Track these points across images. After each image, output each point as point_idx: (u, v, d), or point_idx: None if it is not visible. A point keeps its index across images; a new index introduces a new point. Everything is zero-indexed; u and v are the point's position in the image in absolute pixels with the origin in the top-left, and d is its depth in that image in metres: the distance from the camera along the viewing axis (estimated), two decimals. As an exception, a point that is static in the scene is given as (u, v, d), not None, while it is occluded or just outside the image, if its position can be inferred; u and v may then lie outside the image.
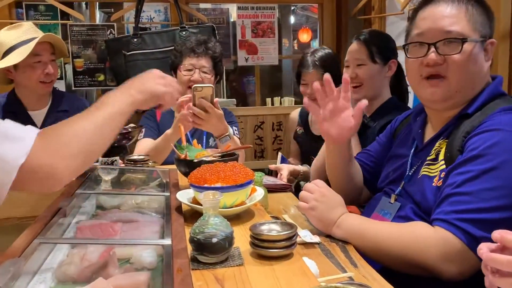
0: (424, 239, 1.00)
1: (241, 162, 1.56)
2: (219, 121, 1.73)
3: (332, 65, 2.14)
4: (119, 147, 1.53)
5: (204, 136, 2.18)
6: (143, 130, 2.08)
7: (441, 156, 1.13)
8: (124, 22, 3.07)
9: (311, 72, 2.13)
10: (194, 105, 1.66)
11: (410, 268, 1.04)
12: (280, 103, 3.51)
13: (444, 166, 1.10)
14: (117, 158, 1.62)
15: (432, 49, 1.11)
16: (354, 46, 1.83)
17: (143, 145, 2.01)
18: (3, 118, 1.97)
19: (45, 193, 0.94)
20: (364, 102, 1.23)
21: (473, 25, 1.10)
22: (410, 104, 2.72)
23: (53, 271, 0.85)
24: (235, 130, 2.16)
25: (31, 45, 1.96)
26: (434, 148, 1.17)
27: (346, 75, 1.27)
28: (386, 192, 1.29)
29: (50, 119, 2.12)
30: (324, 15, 3.38)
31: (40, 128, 2.00)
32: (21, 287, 0.74)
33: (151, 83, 1.08)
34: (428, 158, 1.17)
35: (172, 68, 2.19)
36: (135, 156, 1.74)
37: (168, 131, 1.86)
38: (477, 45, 1.10)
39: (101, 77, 2.92)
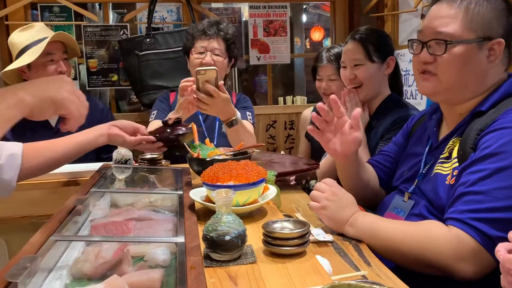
0: (438, 238, 0.99)
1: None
2: (225, 105, 1.66)
3: None
4: (178, 146, 1.56)
5: (217, 122, 2.15)
6: (155, 112, 2.08)
7: (454, 154, 1.12)
8: (137, 23, 3.10)
9: (325, 65, 2.17)
10: (198, 89, 1.62)
11: (423, 267, 1.03)
12: (292, 102, 3.51)
13: (457, 164, 1.10)
14: (131, 157, 1.64)
15: (425, 48, 1.14)
16: (349, 45, 1.78)
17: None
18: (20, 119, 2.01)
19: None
20: (358, 110, 1.25)
21: (469, 25, 1.09)
22: (421, 102, 2.69)
23: (68, 268, 0.86)
24: (249, 115, 2.11)
25: (43, 44, 1.99)
26: (447, 146, 1.17)
27: (333, 95, 1.26)
28: (400, 191, 1.28)
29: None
30: (337, 13, 3.36)
31: (55, 127, 2.04)
32: (38, 284, 0.75)
33: (54, 86, 0.91)
34: (441, 156, 1.17)
35: (184, 52, 2.15)
36: (148, 155, 1.76)
37: (171, 114, 1.81)
38: (471, 46, 1.09)
39: (115, 77, 2.95)
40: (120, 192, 1.35)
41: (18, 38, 2.09)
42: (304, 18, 6.25)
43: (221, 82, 1.65)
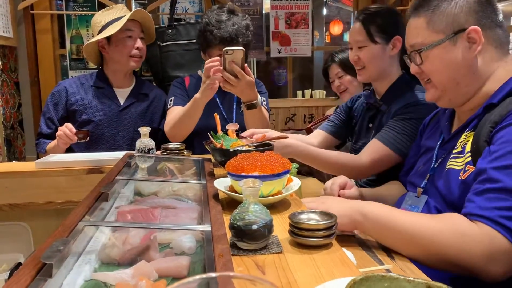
0: (470, 237, 0.94)
1: None
2: (249, 88, 1.72)
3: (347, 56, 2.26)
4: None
5: (234, 103, 2.17)
6: (172, 98, 2.13)
7: (467, 148, 1.10)
8: (159, 13, 3.11)
9: (330, 66, 2.42)
10: (225, 68, 1.66)
11: (446, 265, 0.98)
12: (311, 96, 3.49)
13: (470, 159, 1.07)
14: (154, 146, 1.66)
15: (412, 62, 1.22)
16: (354, 26, 1.73)
17: (174, 113, 2.03)
18: (93, 92, 2.24)
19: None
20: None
21: (434, 29, 1.15)
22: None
23: (96, 253, 0.88)
24: (263, 100, 2.13)
25: (123, 20, 2.14)
26: (460, 141, 1.15)
27: None
28: (412, 185, 1.28)
29: (132, 99, 2.29)
30: (359, 7, 3.32)
31: (123, 104, 2.16)
32: (69, 267, 0.77)
33: None
34: (454, 151, 1.15)
35: (197, 43, 2.19)
36: (170, 145, 1.77)
37: (197, 95, 1.85)
38: (443, 45, 1.14)
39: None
40: (145, 180, 1.36)
41: (100, 17, 2.25)
42: (324, 11, 6.20)
43: (246, 65, 1.69)
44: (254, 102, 1.78)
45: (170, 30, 2.68)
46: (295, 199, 1.22)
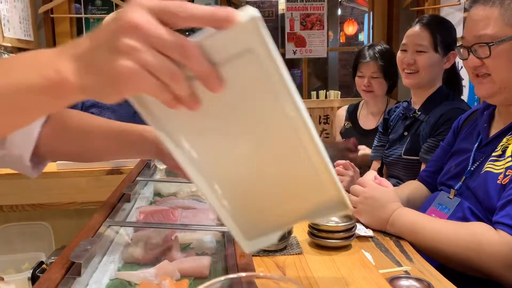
0: (488, 244, 0.96)
1: None
2: None
3: (388, 59, 2.18)
4: None
5: None
6: None
7: (508, 153, 1.07)
8: (175, 16, 3.14)
9: (367, 62, 2.22)
10: None
11: (468, 270, 1.01)
12: (326, 97, 3.49)
13: (511, 163, 1.05)
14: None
15: (471, 53, 1.13)
16: (416, 29, 1.71)
17: None
18: None
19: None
20: None
21: (508, 22, 1.07)
22: (464, 97, 2.62)
23: (120, 252, 0.90)
24: None
25: None
26: (501, 144, 1.12)
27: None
28: (446, 186, 1.26)
29: None
30: (375, 7, 3.31)
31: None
32: (94, 266, 0.79)
33: (105, 49, 0.43)
34: (493, 154, 1.12)
35: None
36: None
37: None
38: None
39: (154, 70, 3.02)
40: (164, 181, 1.38)
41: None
42: (338, 11, 6.18)
43: None
44: None
45: (187, 33, 2.70)
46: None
